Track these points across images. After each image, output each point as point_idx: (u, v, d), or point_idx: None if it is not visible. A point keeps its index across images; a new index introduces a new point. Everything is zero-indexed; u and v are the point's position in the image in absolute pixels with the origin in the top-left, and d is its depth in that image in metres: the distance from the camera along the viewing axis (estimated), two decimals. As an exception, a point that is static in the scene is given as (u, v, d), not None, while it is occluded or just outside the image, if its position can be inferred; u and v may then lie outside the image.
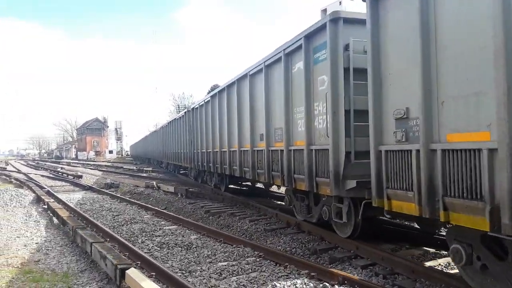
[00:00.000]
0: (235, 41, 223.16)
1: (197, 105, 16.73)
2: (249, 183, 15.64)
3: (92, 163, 54.54)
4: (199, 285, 5.32)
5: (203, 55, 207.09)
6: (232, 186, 15.17)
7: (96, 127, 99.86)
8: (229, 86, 12.16)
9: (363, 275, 5.65)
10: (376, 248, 6.26)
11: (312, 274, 5.47)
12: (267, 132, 9.35)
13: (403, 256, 5.93)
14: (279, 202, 12.46)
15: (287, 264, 5.96)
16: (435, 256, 6.25)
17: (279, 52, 8.51)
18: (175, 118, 24.22)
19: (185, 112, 19.75)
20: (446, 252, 6.37)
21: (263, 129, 9.51)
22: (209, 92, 25.07)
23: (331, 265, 6.16)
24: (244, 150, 11.00)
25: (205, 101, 15.19)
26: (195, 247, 7.36)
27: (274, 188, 14.10)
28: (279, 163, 8.65)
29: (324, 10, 12.09)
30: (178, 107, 62.79)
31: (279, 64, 8.61)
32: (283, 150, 8.42)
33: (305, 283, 5.18)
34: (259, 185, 15.33)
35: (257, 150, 10.03)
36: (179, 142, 21.87)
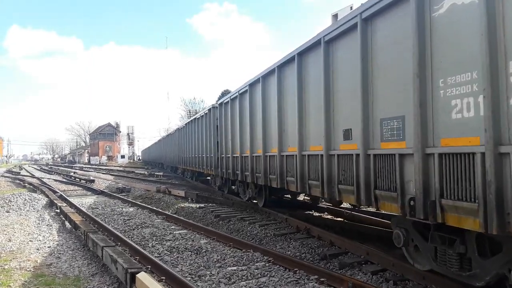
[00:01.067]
0: (250, 47, 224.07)
1: (228, 99, 13.15)
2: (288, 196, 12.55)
3: (104, 167, 55.10)
4: (208, 290, 5.33)
5: (216, 61, 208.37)
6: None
7: (108, 132, 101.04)
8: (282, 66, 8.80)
9: (373, 281, 5.61)
10: (387, 253, 6.21)
11: (322, 279, 5.45)
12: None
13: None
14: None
15: (296, 269, 5.94)
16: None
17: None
18: (195, 118, 20.61)
19: (210, 109, 16.43)
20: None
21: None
22: (219, 98, 25.02)
23: (341, 270, 6.12)
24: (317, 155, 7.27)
25: (240, 92, 11.73)
26: (205, 252, 7.38)
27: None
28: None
29: (335, 16, 12.04)
30: (189, 112, 63.15)
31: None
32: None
33: (314, 289, 5.16)
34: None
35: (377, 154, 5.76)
36: (199, 145, 18.95)
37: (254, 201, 12.26)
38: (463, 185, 4.07)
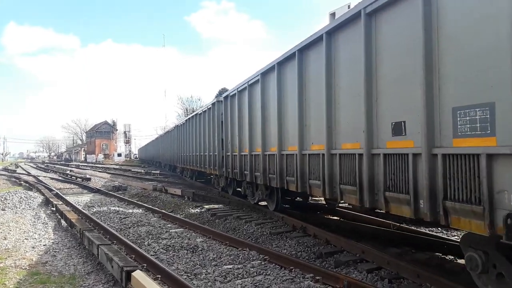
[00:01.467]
0: (247, 45, 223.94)
1: (235, 91, 11.95)
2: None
3: (100, 166, 54.99)
4: (204, 288, 5.34)
5: (214, 59, 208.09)
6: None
7: (105, 130, 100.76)
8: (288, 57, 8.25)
9: (368, 279, 5.63)
10: (382, 252, 6.23)
11: (317, 278, 5.46)
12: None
13: (408, 261, 5.89)
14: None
15: (292, 267, 5.95)
16: (441, 261, 6.20)
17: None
18: (196, 113, 19.45)
19: (213, 104, 15.19)
20: (452, 257, 6.33)
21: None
22: (217, 96, 24.85)
23: (336, 269, 6.13)
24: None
25: (250, 82, 10.54)
26: (201, 250, 7.39)
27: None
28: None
29: (333, 14, 12.04)
30: (186, 110, 63.06)
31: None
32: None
33: (310, 287, 5.17)
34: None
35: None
36: (200, 143, 17.90)
37: (263, 203, 11.42)
38: None
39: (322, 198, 10.05)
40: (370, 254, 6.32)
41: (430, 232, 7.95)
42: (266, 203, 10.95)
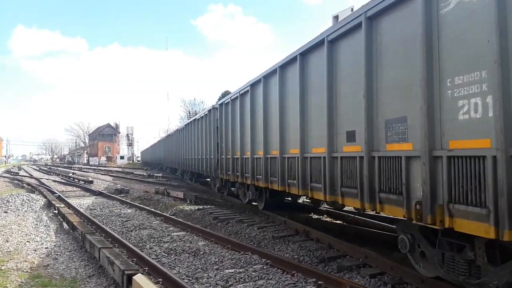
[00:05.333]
0: (253, 48, 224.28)
1: (228, 99, 12.81)
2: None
3: (103, 168, 55.06)
4: (205, 292, 5.30)
5: (219, 62, 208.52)
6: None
7: (107, 133, 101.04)
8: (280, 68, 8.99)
9: (371, 284, 5.58)
10: (385, 257, 6.18)
11: (320, 282, 5.42)
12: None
13: (412, 266, 5.83)
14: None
15: (294, 272, 5.91)
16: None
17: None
18: (195, 118, 20.46)
19: (210, 110, 16.25)
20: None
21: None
22: (220, 99, 24.82)
23: (339, 273, 6.08)
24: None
25: (241, 92, 11.39)
26: (203, 254, 7.35)
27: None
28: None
29: (336, 17, 12.05)
30: (189, 113, 63.15)
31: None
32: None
33: (312, 292, 5.13)
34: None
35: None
36: (199, 147, 18.76)
37: (254, 203, 12.06)
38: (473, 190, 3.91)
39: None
40: (373, 259, 6.27)
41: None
42: (257, 203, 11.78)
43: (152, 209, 13.35)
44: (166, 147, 35.22)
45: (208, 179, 20.22)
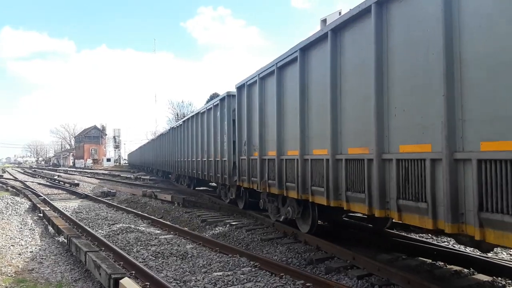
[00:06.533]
0: (242, 50, 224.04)
1: (255, 77, 9.69)
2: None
3: (89, 171, 54.37)
4: (193, 295, 5.27)
5: (208, 65, 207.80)
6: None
7: (94, 135, 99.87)
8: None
9: (358, 285, 5.61)
10: (373, 258, 6.23)
11: (308, 284, 5.43)
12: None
13: (399, 267, 5.90)
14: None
15: (282, 274, 5.91)
16: (431, 267, 6.22)
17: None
18: (198, 112, 17.21)
19: (222, 99, 13.04)
20: (442, 263, 6.36)
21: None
22: (208, 102, 24.64)
23: (327, 275, 6.11)
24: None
25: (279, 64, 8.37)
26: (191, 257, 7.31)
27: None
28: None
29: (324, 21, 12.15)
30: (177, 115, 62.84)
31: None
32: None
33: (300, 294, 5.14)
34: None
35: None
36: (202, 147, 16.06)
37: (275, 218, 9.51)
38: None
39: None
40: (361, 260, 6.31)
41: (420, 238, 7.99)
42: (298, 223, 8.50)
43: (139, 212, 13.23)
44: (158, 149, 32.39)
45: (210, 186, 19.12)
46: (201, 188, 20.17)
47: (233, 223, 10.56)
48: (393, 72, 5.19)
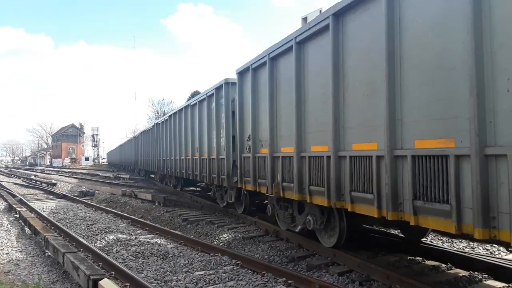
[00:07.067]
0: (223, 48, 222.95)
1: (264, 57, 8.11)
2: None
3: (67, 170, 53.29)
4: (174, 295, 5.22)
5: (188, 62, 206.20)
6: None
7: (72, 134, 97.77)
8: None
9: (339, 282, 5.68)
10: (353, 255, 6.30)
11: (289, 282, 5.46)
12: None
13: (379, 263, 5.98)
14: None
15: (264, 272, 5.92)
16: (410, 262, 6.33)
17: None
18: (187, 105, 15.38)
19: (218, 89, 11.49)
20: (421, 259, 6.48)
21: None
22: (189, 99, 24.41)
23: (308, 272, 6.16)
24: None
25: (299, 38, 6.83)
26: (172, 256, 7.25)
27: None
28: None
29: (305, 19, 12.17)
30: (157, 113, 62.16)
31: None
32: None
33: (282, 292, 5.16)
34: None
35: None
36: (192, 144, 14.43)
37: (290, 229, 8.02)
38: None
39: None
40: (342, 257, 6.39)
41: (400, 235, 8.12)
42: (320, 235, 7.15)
43: (119, 212, 13.04)
44: (140, 147, 30.04)
45: (197, 186, 18.50)
46: (190, 188, 19.02)
47: (215, 221, 10.52)
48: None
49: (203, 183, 15.76)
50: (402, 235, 7.71)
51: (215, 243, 8.46)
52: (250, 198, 10.55)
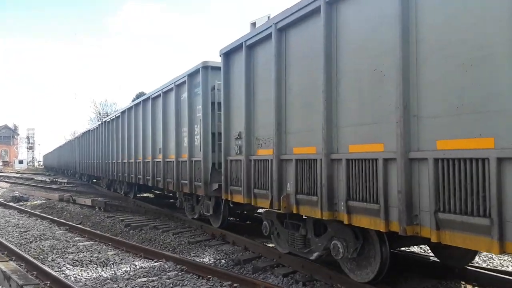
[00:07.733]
0: (168, 48, 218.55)
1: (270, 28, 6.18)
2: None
3: (-2, 174, 49.53)
4: (115, 304, 5.02)
5: (130, 62, 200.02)
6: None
7: (5, 135, 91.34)
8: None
9: (284, 283, 5.76)
10: (297, 256, 6.43)
11: (235, 285, 5.46)
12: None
13: (321, 264, 6.15)
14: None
15: (210, 276, 5.87)
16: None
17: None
18: (148, 96, 13.01)
19: (192, 74, 9.48)
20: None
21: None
22: (133, 100, 23.70)
23: (254, 274, 6.19)
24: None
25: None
26: (112, 264, 6.96)
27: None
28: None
29: (254, 24, 12.30)
30: (99, 115, 59.74)
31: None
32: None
33: (227, 295, 5.13)
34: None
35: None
36: (154, 144, 12.39)
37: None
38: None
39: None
40: (286, 258, 6.49)
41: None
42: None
43: (56, 218, 12.31)
44: (83, 149, 27.26)
45: (153, 193, 17.57)
46: (144, 194, 17.61)
47: (160, 226, 10.27)
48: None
49: (166, 191, 14.35)
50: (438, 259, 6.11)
51: (159, 248, 8.25)
52: (229, 211, 8.91)
